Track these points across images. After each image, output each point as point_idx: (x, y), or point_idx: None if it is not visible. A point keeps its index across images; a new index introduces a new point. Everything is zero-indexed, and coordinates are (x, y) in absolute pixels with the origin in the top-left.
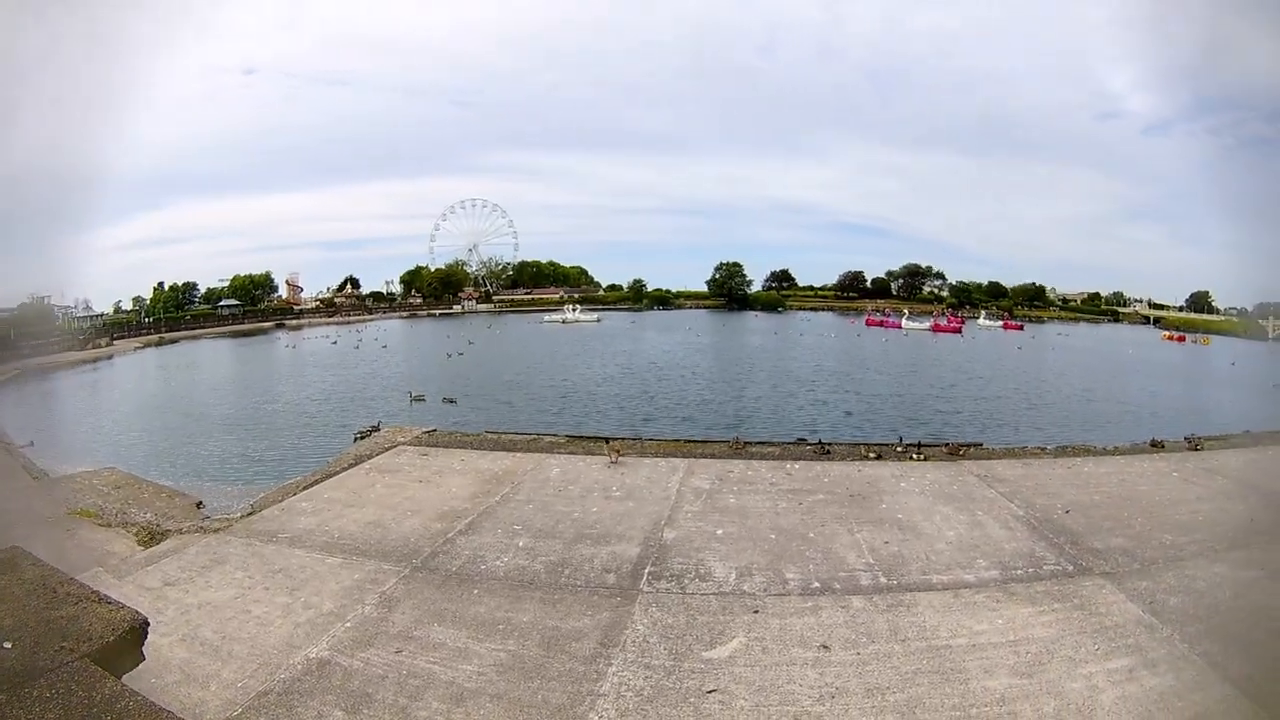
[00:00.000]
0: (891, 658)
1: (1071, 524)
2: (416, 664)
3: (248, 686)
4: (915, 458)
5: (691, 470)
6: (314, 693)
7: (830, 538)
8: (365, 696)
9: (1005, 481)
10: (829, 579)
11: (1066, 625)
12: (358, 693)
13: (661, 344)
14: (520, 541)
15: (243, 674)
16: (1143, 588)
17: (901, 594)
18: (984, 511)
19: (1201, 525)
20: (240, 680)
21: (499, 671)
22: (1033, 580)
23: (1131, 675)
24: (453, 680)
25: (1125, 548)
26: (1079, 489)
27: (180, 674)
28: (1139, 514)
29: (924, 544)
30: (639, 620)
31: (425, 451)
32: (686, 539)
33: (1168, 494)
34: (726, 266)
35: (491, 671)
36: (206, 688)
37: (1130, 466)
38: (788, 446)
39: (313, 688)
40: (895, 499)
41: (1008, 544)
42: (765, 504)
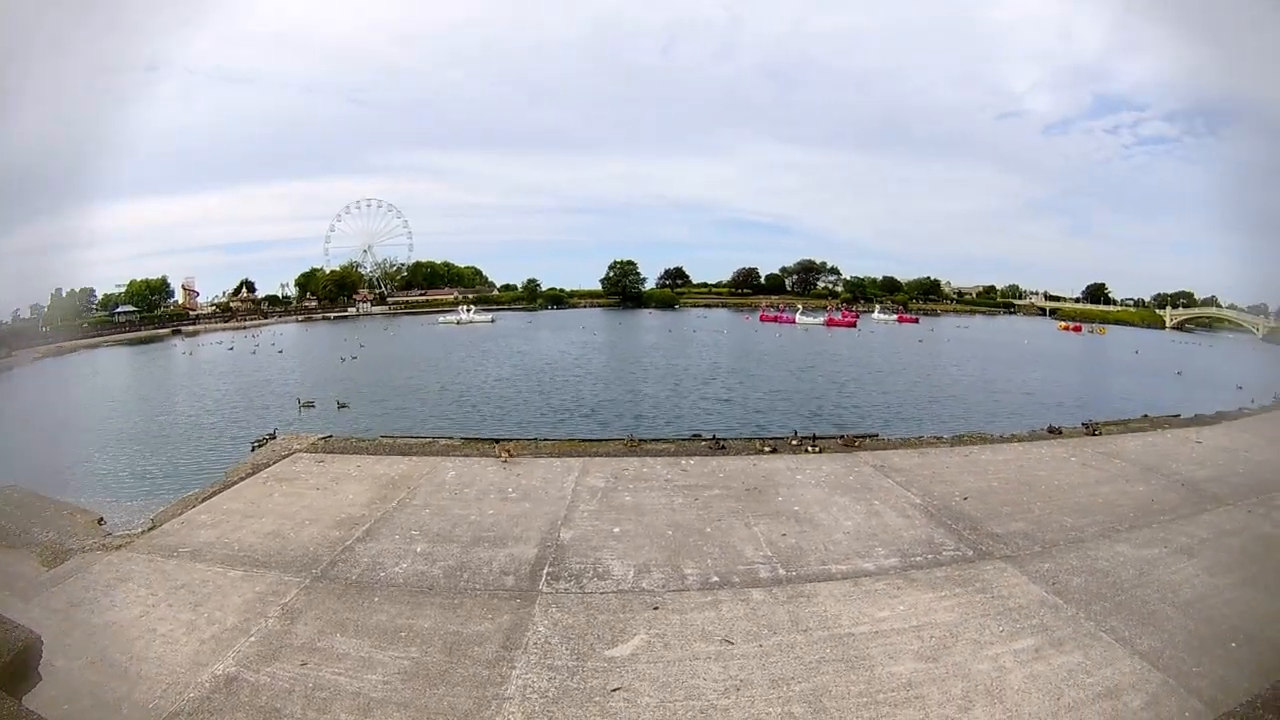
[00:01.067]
0: (795, 648)
1: (970, 510)
2: (322, 676)
3: (159, 708)
4: (811, 450)
5: (587, 469)
6: (223, 710)
7: (727, 532)
8: (274, 712)
9: (902, 471)
10: (728, 573)
11: (969, 609)
12: (266, 708)
13: (556, 343)
14: (418, 547)
15: (153, 695)
16: (1045, 569)
17: (801, 585)
18: (881, 501)
19: (1101, 507)
20: (150, 701)
21: (404, 679)
22: (933, 566)
23: (1038, 654)
24: (359, 690)
25: (1025, 531)
26: (977, 476)
27: (91, 699)
28: (1038, 499)
29: (822, 535)
30: (539, 621)
31: (321, 458)
32: (584, 538)
33: (1066, 478)
34: (621, 265)
35: (396, 680)
36: (118, 711)
37: (1028, 453)
38: (683, 443)
39: (222, 705)
40: (792, 491)
41: (906, 532)
42: (661, 501)
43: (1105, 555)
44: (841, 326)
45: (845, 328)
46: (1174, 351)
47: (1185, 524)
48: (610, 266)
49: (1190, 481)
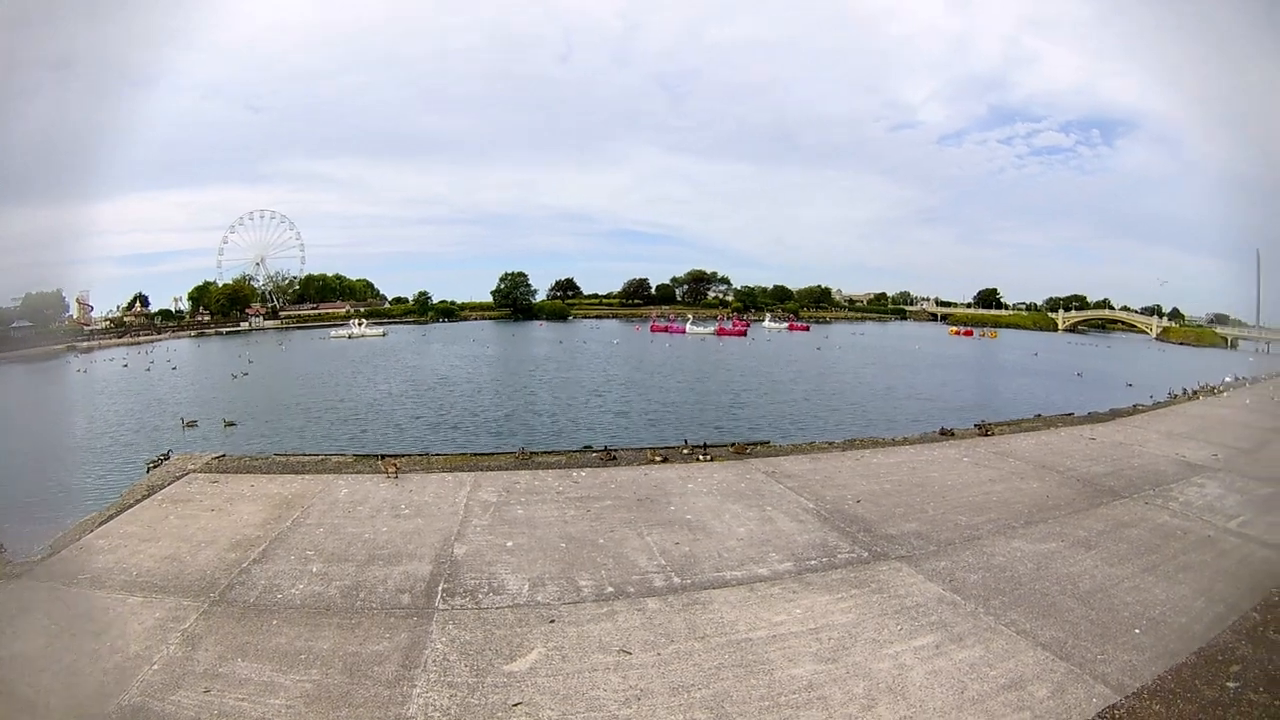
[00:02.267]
0: (693, 655)
1: (864, 513)
2: (226, 702)
3: None
4: (702, 459)
5: (479, 483)
6: None
7: (620, 542)
8: None
9: (794, 477)
10: (622, 583)
11: (867, 609)
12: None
13: (448, 357)
14: (314, 567)
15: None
16: (941, 567)
17: (696, 592)
18: (773, 507)
19: (996, 505)
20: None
21: (306, 703)
22: (828, 569)
23: (939, 650)
24: (262, 716)
25: (920, 531)
26: (869, 479)
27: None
28: (932, 499)
29: (715, 542)
30: (437, 639)
31: (216, 479)
32: (477, 553)
33: (960, 478)
34: (512, 276)
35: (299, 704)
36: None
37: (920, 455)
38: (574, 454)
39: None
40: (684, 500)
41: (800, 536)
42: (553, 513)
43: (1002, 551)
44: (732, 335)
45: (736, 336)
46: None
47: (1082, 518)
48: (501, 278)
49: (1085, 477)
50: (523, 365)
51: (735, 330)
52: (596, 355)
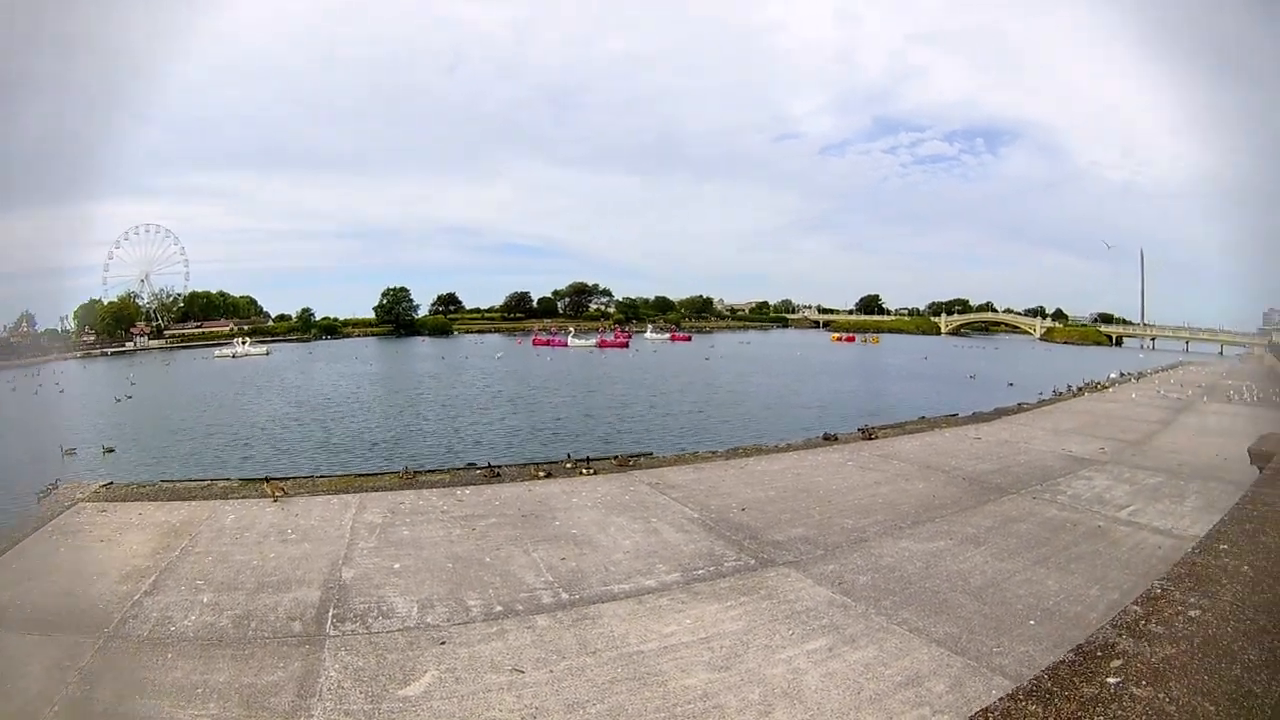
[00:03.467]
0: (586, 671)
1: (749, 521)
2: None
3: None
4: (585, 472)
5: (364, 505)
6: None
7: (507, 560)
8: None
9: (678, 487)
10: (511, 601)
11: (757, 616)
12: None
13: (331, 376)
14: (205, 597)
15: None
16: (829, 571)
17: (585, 607)
18: (658, 518)
19: (882, 507)
20: None
21: None
22: (716, 578)
23: (833, 653)
24: None
25: (806, 536)
26: (753, 487)
27: None
28: (817, 504)
29: (601, 556)
30: (330, 666)
31: (104, 508)
32: (365, 577)
33: (844, 482)
34: (394, 292)
35: None
36: None
37: (804, 461)
38: (458, 472)
39: None
40: (568, 515)
41: (686, 546)
42: (439, 533)
43: (890, 552)
44: (614, 347)
45: (618, 348)
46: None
47: (969, 515)
48: (384, 294)
49: (971, 475)
50: (406, 383)
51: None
52: (479, 370)
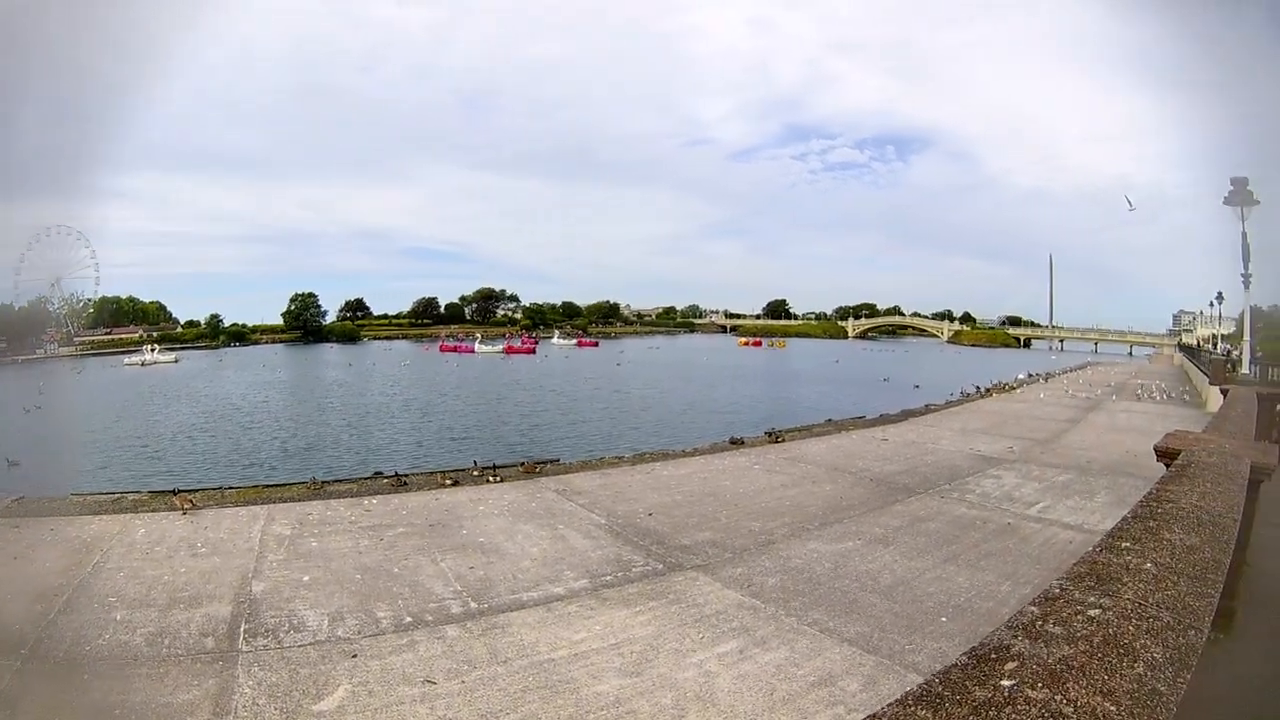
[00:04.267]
0: (497, 680)
1: (656, 525)
2: None
3: None
4: (493, 480)
5: (272, 517)
6: None
7: (415, 570)
8: None
9: (584, 493)
10: (420, 612)
11: (666, 621)
12: None
13: (239, 384)
14: (118, 615)
15: None
16: (738, 574)
17: (495, 616)
18: (565, 525)
19: (789, 510)
20: None
21: None
22: (624, 584)
23: (744, 655)
24: None
25: (714, 540)
26: (660, 492)
27: None
28: (724, 508)
29: (509, 564)
30: (244, 683)
31: (16, 523)
32: (275, 590)
33: (752, 485)
34: (302, 298)
35: None
36: None
37: (711, 465)
38: (365, 481)
39: None
40: (475, 523)
41: (593, 553)
42: (348, 544)
43: (798, 554)
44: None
45: (525, 354)
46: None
47: (878, 515)
48: (292, 299)
49: (879, 476)
50: (313, 390)
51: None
52: (387, 377)
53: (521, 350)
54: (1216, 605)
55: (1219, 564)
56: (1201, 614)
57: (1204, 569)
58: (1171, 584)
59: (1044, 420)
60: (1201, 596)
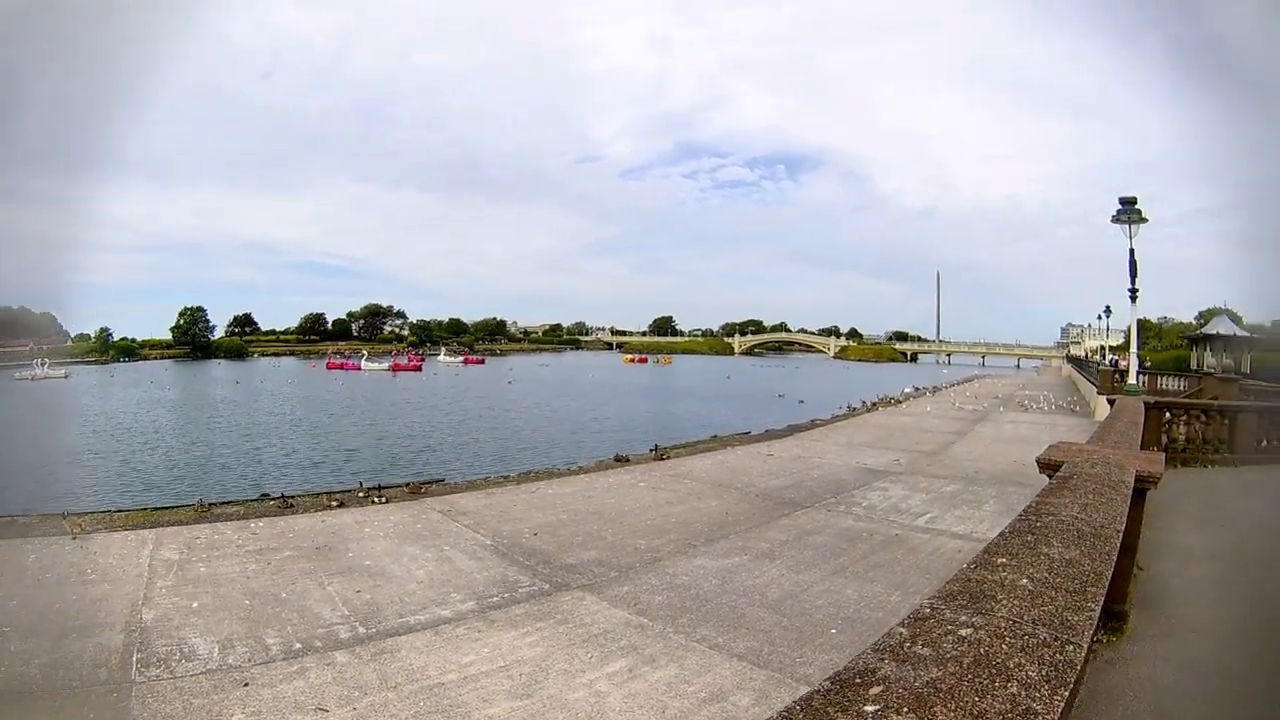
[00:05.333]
0: (389, 706)
1: (542, 545)
2: None
3: None
4: (378, 501)
5: (160, 541)
6: None
7: (303, 595)
8: None
9: (469, 514)
10: (309, 638)
11: (555, 641)
12: None
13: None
14: (12, 645)
15: None
16: (624, 592)
17: (383, 640)
18: (451, 546)
19: (675, 526)
20: None
21: None
22: (510, 605)
23: (634, 674)
24: None
25: (600, 559)
26: (545, 511)
27: None
28: (609, 526)
29: (396, 587)
30: (138, 715)
31: None
32: (166, 618)
33: (637, 503)
34: (190, 312)
35: None
36: None
37: (596, 483)
38: (252, 504)
39: None
40: (362, 545)
41: (479, 574)
42: (235, 568)
43: (685, 570)
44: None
45: (412, 372)
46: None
47: (764, 530)
48: (181, 314)
49: (764, 491)
50: (201, 409)
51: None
52: (274, 396)
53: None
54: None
55: (1100, 576)
56: (1081, 629)
57: (1084, 582)
58: (1049, 599)
59: (931, 432)
60: (1081, 611)
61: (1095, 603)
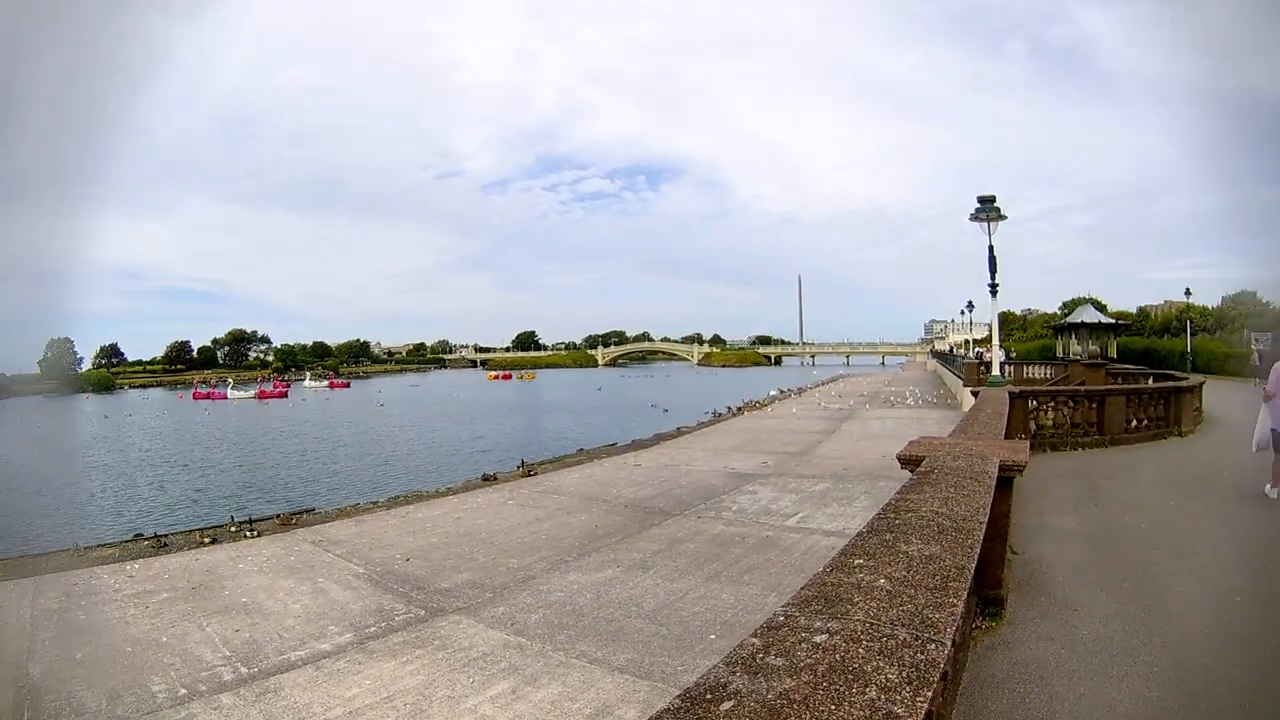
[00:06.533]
0: None
1: (414, 571)
2: None
3: None
4: (249, 535)
5: (40, 589)
6: None
7: (183, 637)
8: None
9: (341, 543)
10: (193, 682)
11: (435, 668)
12: None
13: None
14: None
15: None
16: (500, 613)
17: (266, 680)
18: (325, 577)
19: (546, 543)
20: None
21: None
22: (388, 634)
23: (517, 695)
24: None
25: (473, 581)
26: (416, 535)
27: None
28: (481, 547)
29: (274, 623)
30: None
31: None
32: (52, 671)
33: (506, 521)
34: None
35: None
36: None
37: (465, 504)
38: (127, 545)
39: None
40: (237, 582)
41: (355, 604)
42: (115, 614)
43: (559, 587)
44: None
45: (277, 399)
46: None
47: (634, 541)
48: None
49: (633, 502)
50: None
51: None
52: (141, 429)
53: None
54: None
55: (962, 570)
56: (943, 626)
57: (945, 578)
58: (908, 598)
59: (798, 433)
60: (942, 608)
61: (958, 598)
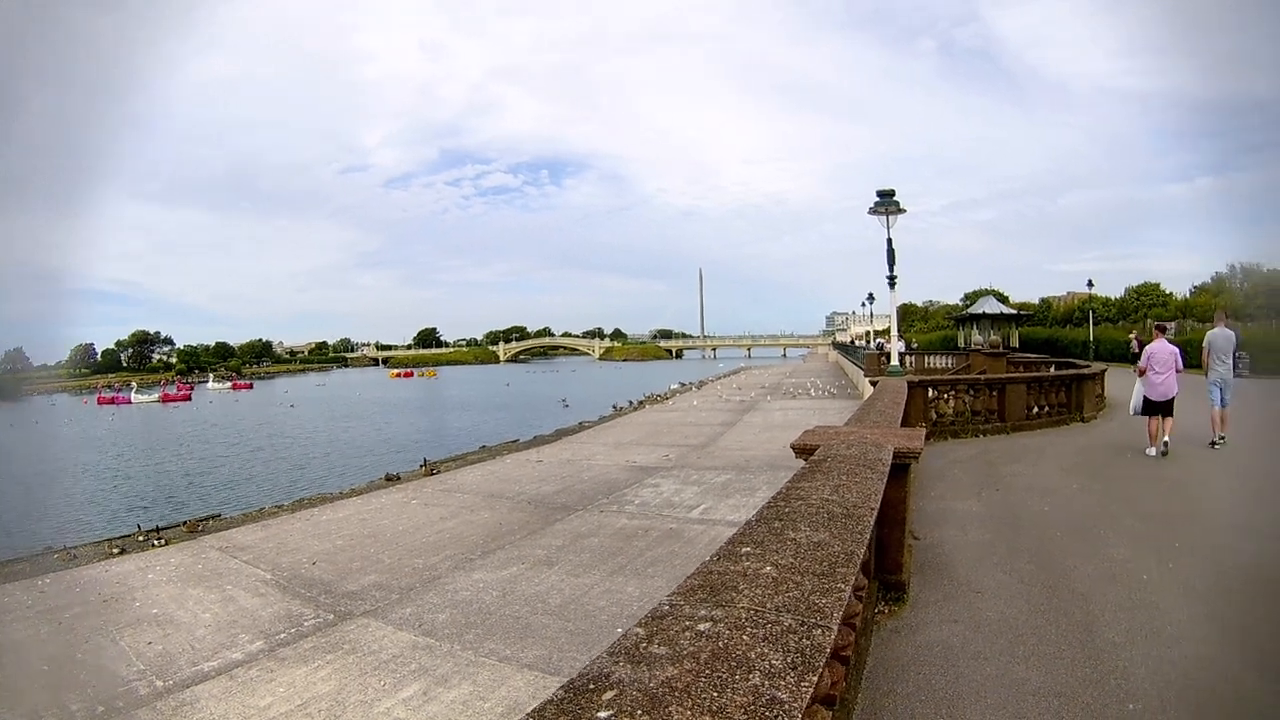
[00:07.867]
0: None
1: (321, 575)
2: None
3: None
4: (157, 544)
5: None
6: None
7: (98, 653)
8: None
9: (248, 549)
10: (111, 699)
11: (346, 672)
12: None
13: None
14: None
15: None
16: (408, 614)
17: (181, 693)
18: (233, 585)
19: (450, 542)
20: None
21: None
22: (298, 640)
23: (428, 696)
24: None
25: (380, 582)
26: (322, 538)
27: None
28: (386, 548)
29: (185, 634)
30: None
31: None
32: None
33: (410, 521)
34: None
35: None
36: None
37: (369, 504)
38: (36, 559)
39: None
40: (147, 593)
41: (264, 611)
42: (28, 632)
43: (465, 586)
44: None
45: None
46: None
47: (538, 538)
48: None
49: (536, 498)
50: None
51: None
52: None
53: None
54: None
55: (851, 556)
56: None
57: (833, 564)
58: (795, 584)
59: (699, 426)
60: (829, 593)
61: (845, 583)
